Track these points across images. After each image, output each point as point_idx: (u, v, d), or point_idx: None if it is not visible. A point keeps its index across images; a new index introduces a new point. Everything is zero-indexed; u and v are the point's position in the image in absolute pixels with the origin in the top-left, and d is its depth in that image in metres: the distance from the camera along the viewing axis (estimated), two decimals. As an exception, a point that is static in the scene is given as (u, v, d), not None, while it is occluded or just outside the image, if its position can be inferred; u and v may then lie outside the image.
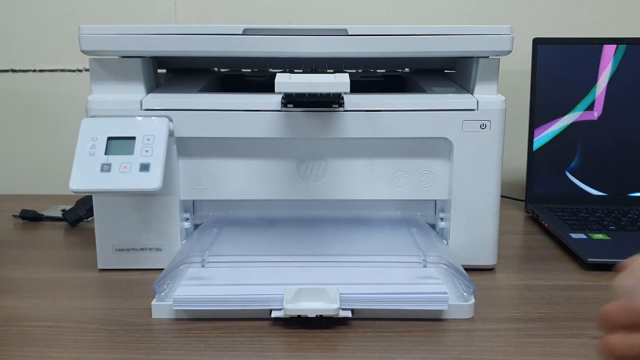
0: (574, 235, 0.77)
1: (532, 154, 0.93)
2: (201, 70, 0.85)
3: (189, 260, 0.58)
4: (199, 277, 0.58)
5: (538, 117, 0.92)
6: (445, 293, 0.55)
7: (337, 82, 0.56)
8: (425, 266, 0.57)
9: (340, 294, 0.54)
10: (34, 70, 1.08)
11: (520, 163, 0.97)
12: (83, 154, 0.63)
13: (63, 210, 0.88)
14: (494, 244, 0.68)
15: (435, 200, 0.71)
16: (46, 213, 0.90)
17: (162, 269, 0.61)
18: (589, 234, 0.77)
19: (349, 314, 0.54)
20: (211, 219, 0.70)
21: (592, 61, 0.91)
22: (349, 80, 0.56)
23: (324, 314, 0.53)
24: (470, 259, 0.68)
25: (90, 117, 0.65)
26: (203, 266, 0.57)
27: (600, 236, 0.76)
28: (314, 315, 0.53)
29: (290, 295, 0.54)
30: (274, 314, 0.54)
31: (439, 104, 0.65)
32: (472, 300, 0.56)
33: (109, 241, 0.68)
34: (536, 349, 0.51)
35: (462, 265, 0.61)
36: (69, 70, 1.07)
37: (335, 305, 0.53)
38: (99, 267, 0.68)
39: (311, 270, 0.58)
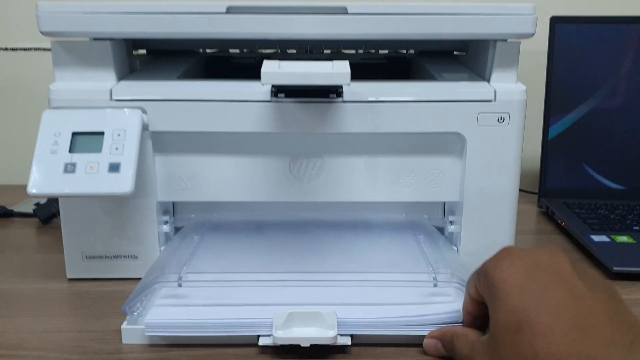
0: (596, 238, 0.69)
1: (547, 144, 0.85)
2: (185, 51, 0.76)
3: (163, 279, 0.50)
4: (176, 296, 0.51)
5: (554, 103, 0.84)
6: (459, 311, 0.48)
7: (336, 72, 0.48)
8: (435, 285, 0.49)
9: (338, 318, 0.47)
10: (6, 49, 0.99)
11: (533, 153, 0.90)
12: (44, 151, 0.55)
13: (36, 205, 0.81)
14: (510, 251, 0.60)
15: (444, 202, 0.63)
16: (16, 208, 0.82)
17: (139, 279, 0.54)
18: (612, 237, 0.70)
19: (347, 341, 0.47)
20: (193, 223, 0.63)
21: (615, 42, 0.82)
22: (349, 70, 0.48)
23: (319, 342, 0.46)
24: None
25: (53, 108, 0.57)
26: (180, 285, 0.50)
27: (624, 239, 0.69)
28: (307, 345, 0.46)
29: (281, 321, 0.46)
30: (261, 342, 0.47)
31: (451, 93, 0.57)
32: (489, 323, 0.49)
33: (78, 248, 0.60)
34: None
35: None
36: (45, 49, 0.99)
37: (333, 333, 0.46)
38: (68, 276, 0.61)
39: (304, 289, 0.51)
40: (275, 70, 0.48)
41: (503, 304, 0.39)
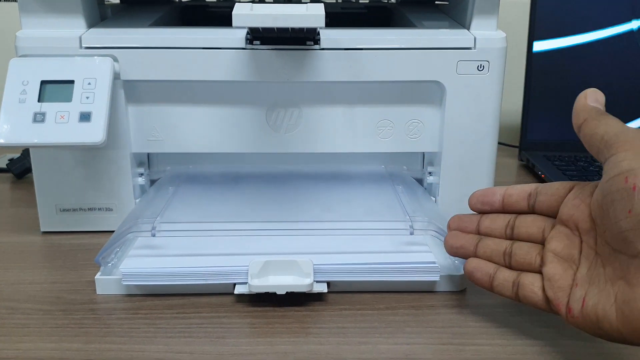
0: (575, 189, 0.69)
1: (528, 96, 0.84)
2: None
3: (136, 228, 0.49)
4: (150, 246, 0.50)
5: (537, 53, 0.83)
6: (435, 262, 0.48)
7: (310, 14, 0.46)
8: (412, 233, 0.49)
9: (314, 265, 0.46)
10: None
11: (515, 106, 0.89)
12: (12, 100, 0.53)
13: (9, 160, 0.79)
14: (489, 201, 0.60)
15: (423, 153, 0.63)
16: (-11, 163, 0.80)
17: (114, 232, 0.53)
18: (591, 187, 0.70)
19: (324, 288, 0.47)
20: (169, 175, 0.62)
21: (599, -8, 0.81)
22: (324, 12, 0.47)
23: (295, 290, 0.46)
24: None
25: (20, 56, 0.55)
26: (154, 235, 0.49)
27: (602, 190, 0.69)
28: (283, 292, 0.46)
29: (257, 269, 0.46)
30: (237, 290, 0.47)
31: (430, 41, 0.56)
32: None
33: (52, 200, 0.59)
34: (538, 330, 0.44)
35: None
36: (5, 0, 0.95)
37: (309, 280, 0.46)
38: (42, 229, 0.60)
39: (281, 238, 0.50)
40: (246, 12, 0.46)
41: None
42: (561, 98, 0.84)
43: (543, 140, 0.85)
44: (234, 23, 0.47)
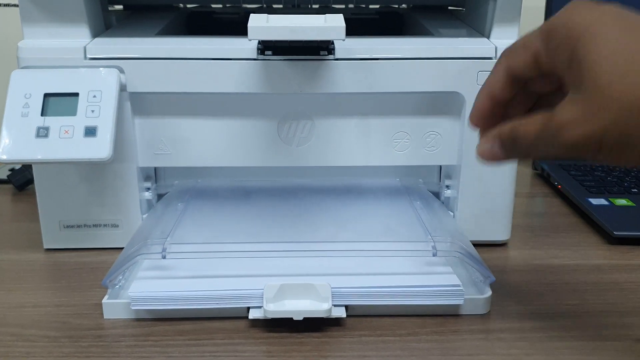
0: (594, 202, 0.67)
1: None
2: (164, 6, 0.72)
3: (146, 250, 0.47)
4: (159, 267, 0.48)
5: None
6: (459, 285, 0.46)
7: (329, 26, 0.44)
8: (435, 254, 0.47)
9: (332, 288, 0.44)
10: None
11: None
12: (14, 114, 0.51)
13: (10, 171, 0.77)
14: (509, 216, 0.58)
15: (440, 166, 0.61)
16: (-10, 174, 0.78)
17: (120, 249, 0.51)
18: (610, 199, 0.68)
19: (342, 313, 0.44)
20: (177, 189, 0.60)
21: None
22: (344, 24, 0.45)
23: (313, 315, 0.43)
24: (480, 233, 0.58)
25: (23, 68, 0.53)
26: (164, 257, 0.47)
27: (623, 202, 0.67)
28: (300, 318, 0.43)
29: (272, 293, 0.44)
30: (252, 315, 0.44)
31: (449, 50, 0.54)
32: (489, 293, 0.47)
33: (55, 217, 0.57)
34: (568, 357, 0.42)
35: (471, 241, 0.51)
36: (14, 5, 0.93)
37: (327, 305, 0.43)
38: (45, 246, 0.58)
39: (296, 259, 0.48)
40: (263, 25, 0.44)
41: (599, 49, 0.32)
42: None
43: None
44: (250, 36, 0.44)
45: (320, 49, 0.52)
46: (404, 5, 0.76)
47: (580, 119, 0.33)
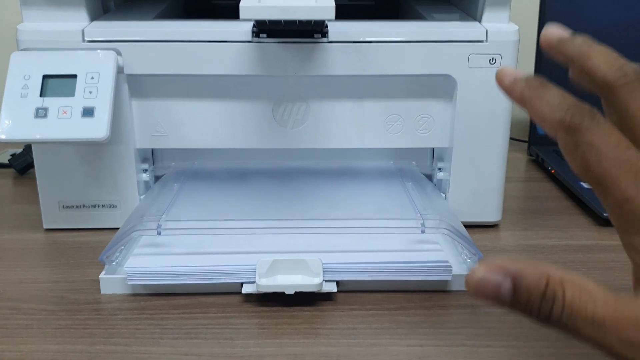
0: (586, 185, 0.68)
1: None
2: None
3: (141, 227, 0.48)
4: (155, 244, 0.49)
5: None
6: (447, 262, 0.47)
7: (319, 6, 0.45)
8: (423, 232, 0.48)
9: (323, 264, 0.45)
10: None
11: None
12: (13, 95, 0.52)
13: (12, 155, 0.78)
14: (499, 198, 0.59)
15: (432, 149, 0.61)
16: (-9, 159, 0.79)
17: (118, 229, 0.52)
18: (603, 183, 0.69)
19: (333, 288, 0.45)
20: (174, 171, 0.61)
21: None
22: (334, 4, 0.45)
23: (304, 289, 0.45)
24: (472, 214, 0.59)
25: (22, 50, 0.54)
26: (159, 233, 0.48)
27: (615, 185, 0.68)
28: (292, 292, 0.45)
29: (264, 268, 0.45)
30: (245, 289, 0.45)
31: (440, 34, 0.54)
32: (478, 270, 0.48)
33: (55, 197, 0.58)
34: (555, 332, 0.43)
35: (462, 223, 0.52)
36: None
37: (318, 280, 0.45)
38: (45, 226, 0.59)
39: (289, 236, 0.49)
40: (254, 4, 0.45)
41: None
42: (572, 91, 0.82)
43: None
44: (241, 15, 0.45)
45: (314, 32, 0.53)
46: (399, -8, 0.76)
47: None
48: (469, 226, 0.54)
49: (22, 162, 0.76)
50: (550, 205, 0.67)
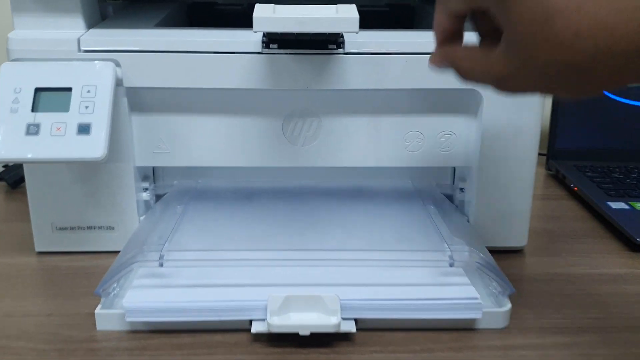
0: (614, 206, 0.64)
1: (557, 101, 0.79)
2: (163, -4, 0.68)
3: (142, 257, 0.44)
4: (156, 275, 0.45)
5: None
6: (477, 298, 0.43)
7: (342, 17, 0.41)
8: (452, 265, 0.44)
9: (340, 300, 0.41)
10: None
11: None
12: (3, 110, 0.48)
13: (4, 168, 0.74)
14: (526, 222, 0.55)
15: (454, 167, 0.57)
16: (-18, 171, 0.75)
17: (115, 252, 0.48)
18: (631, 203, 0.65)
19: (352, 328, 0.41)
20: (176, 190, 0.57)
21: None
22: (357, 15, 0.41)
23: (321, 330, 0.40)
24: (496, 239, 0.55)
25: (13, 60, 0.50)
26: (161, 265, 0.44)
27: (644, 205, 0.64)
28: (307, 333, 0.40)
29: (276, 305, 0.41)
30: (254, 328, 0.41)
31: (466, 46, 0.50)
32: (509, 306, 0.44)
33: (48, 218, 0.54)
34: (595, 377, 0.39)
35: (486, 248, 0.48)
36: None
37: (335, 319, 0.40)
38: (37, 249, 0.55)
39: (302, 267, 0.45)
40: (269, 16, 0.41)
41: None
42: (594, 102, 0.78)
43: (573, 149, 0.79)
44: (255, 27, 0.41)
45: (328, 43, 0.49)
46: (415, -3, 0.72)
47: (513, 73, 0.32)
48: (492, 251, 0.50)
49: (15, 175, 0.72)
50: (576, 227, 0.63)
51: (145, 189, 0.55)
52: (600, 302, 0.48)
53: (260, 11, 0.41)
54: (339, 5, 0.43)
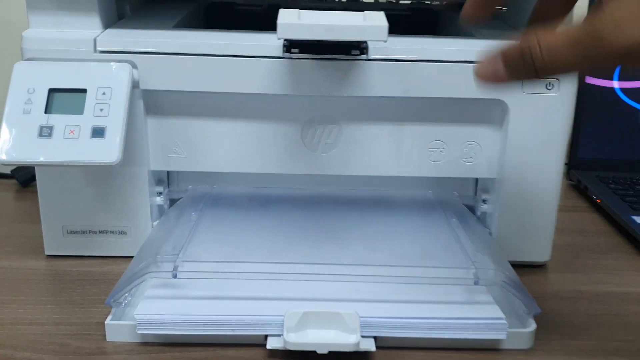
0: (638, 220, 0.62)
1: (580, 109, 0.77)
2: (181, -4, 0.67)
3: (155, 268, 0.43)
4: (169, 286, 0.44)
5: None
6: (502, 318, 0.41)
7: (370, 25, 0.39)
8: (477, 283, 0.42)
9: (360, 317, 0.40)
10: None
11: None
12: (15, 111, 0.47)
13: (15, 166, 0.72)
14: (550, 236, 0.53)
15: (476, 178, 0.56)
16: (-7, 168, 0.74)
17: (128, 257, 0.47)
18: (656, 218, 0.63)
19: (372, 347, 0.40)
20: (191, 195, 0.55)
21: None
22: (387, 24, 0.40)
23: (340, 349, 0.39)
24: (518, 253, 0.53)
25: (26, 59, 0.49)
26: (175, 276, 0.42)
27: (670, 221, 0.62)
28: (325, 352, 0.39)
29: (294, 322, 0.39)
30: (270, 344, 0.40)
31: (493, 54, 0.48)
32: (534, 327, 0.42)
33: (58, 221, 0.53)
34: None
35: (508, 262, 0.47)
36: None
37: (354, 338, 0.39)
38: (46, 252, 0.53)
39: (321, 282, 0.43)
40: (295, 22, 0.39)
41: None
42: (617, 111, 0.76)
43: (596, 159, 0.77)
44: (279, 34, 0.39)
45: (352, 48, 0.48)
46: (436, 2, 0.71)
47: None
48: (514, 265, 0.48)
49: (26, 173, 0.71)
50: (600, 242, 0.61)
51: (160, 194, 0.54)
52: (628, 323, 0.46)
53: (285, 17, 0.40)
54: (366, 13, 0.41)
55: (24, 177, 0.71)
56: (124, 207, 0.52)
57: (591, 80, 0.76)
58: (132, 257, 0.47)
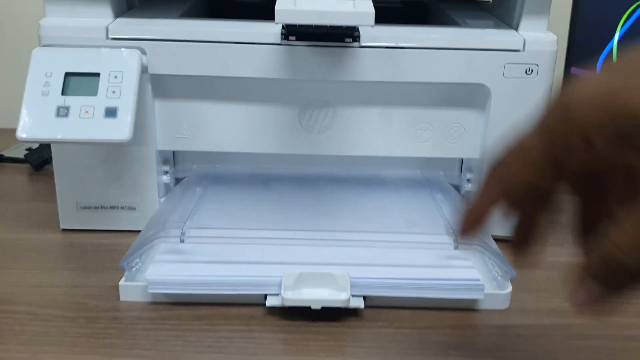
0: (616, 199, 0.66)
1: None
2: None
3: (164, 234, 0.47)
4: (177, 251, 0.48)
5: (577, 55, 0.79)
6: (479, 280, 0.45)
7: (359, 12, 0.43)
8: (456, 248, 0.46)
9: (350, 278, 0.44)
10: (-6, -17, 0.93)
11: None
12: (34, 93, 0.51)
13: (27, 150, 0.76)
14: (530, 212, 0.57)
15: (461, 159, 0.60)
16: (7, 153, 0.78)
17: (137, 231, 0.51)
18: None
19: (360, 304, 0.44)
20: (195, 174, 0.59)
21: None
22: (373, 10, 0.44)
23: (331, 305, 0.43)
24: (500, 228, 0.57)
25: (44, 46, 0.53)
26: (182, 241, 0.46)
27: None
28: (318, 307, 0.43)
29: (290, 281, 0.43)
30: (269, 302, 0.44)
31: (476, 41, 0.53)
32: (509, 289, 0.46)
33: (73, 198, 0.57)
34: (589, 357, 0.42)
35: (492, 236, 0.51)
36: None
37: (345, 295, 0.43)
38: (62, 227, 0.57)
39: (315, 247, 0.48)
40: (290, 8, 0.43)
41: None
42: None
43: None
44: (277, 19, 0.44)
45: (345, 36, 0.52)
46: (428, -5, 0.74)
47: None
48: (499, 240, 0.52)
49: (38, 157, 0.75)
50: (579, 220, 0.65)
51: (166, 172, 0.58)
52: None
53: (282, 4, 0.44)
54: (356, 1, 0.46)
55: (36, 161, 0.75)
56: (134, 185, 0.56)
57: (576, 70, 0.79)
58: (140, 231, 0.51)
